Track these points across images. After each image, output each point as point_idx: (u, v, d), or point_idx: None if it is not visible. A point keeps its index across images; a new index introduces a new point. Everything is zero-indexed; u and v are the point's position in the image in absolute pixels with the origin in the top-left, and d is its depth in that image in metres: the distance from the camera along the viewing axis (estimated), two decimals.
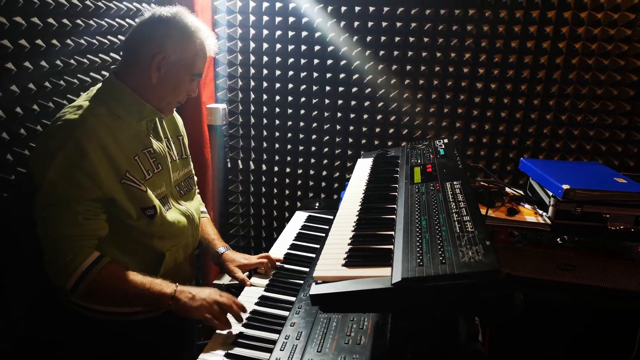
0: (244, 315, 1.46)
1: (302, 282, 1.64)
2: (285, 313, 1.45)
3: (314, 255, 1.83)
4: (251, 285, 1.67)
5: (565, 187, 1.82)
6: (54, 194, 1.34)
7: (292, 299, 1.53)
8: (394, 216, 1.32)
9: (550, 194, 1.92)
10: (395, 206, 1.39)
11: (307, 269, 1.74)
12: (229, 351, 1.32)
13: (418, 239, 1.09)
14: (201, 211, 1.86)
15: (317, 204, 2.34)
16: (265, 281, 1.69)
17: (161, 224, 1.52)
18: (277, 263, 1.80)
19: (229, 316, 1.44)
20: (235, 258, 1.76)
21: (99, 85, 1.51)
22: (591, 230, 1.87)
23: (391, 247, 1.13)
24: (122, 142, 1.43)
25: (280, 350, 1.24)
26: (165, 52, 1.45)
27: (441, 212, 1.20)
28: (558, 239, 1.90)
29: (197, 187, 1.91)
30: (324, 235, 1.92)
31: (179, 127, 1.74)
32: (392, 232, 1.21)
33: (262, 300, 1.57)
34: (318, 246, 1.87)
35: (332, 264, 1.11)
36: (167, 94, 1.52)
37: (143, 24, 1.49)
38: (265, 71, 2.68)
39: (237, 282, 1.71)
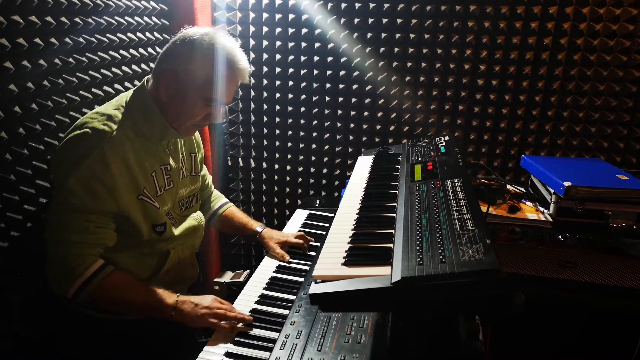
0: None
1: (302, 280, 1.64)
2: (286, 312, 1.45)
3: (314, 253, 1.83)
4: (289, 261, 1.79)
5: (566, 184, 1.81)
6: (70, 202, 1.33)
7: (292, 297, 1.53)
8: (394, 214, 1.31)
9: (552, 191, 1.91)
10: (395, 204, 1.38)
11: (307, 267, 1.74)
12: (229, 350, 1.32)
13: (418, 237, 1.08)
14: (224, 202, 1.98)
15: (318, 202, 2.34)
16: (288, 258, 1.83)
17: (169, 238, 1.53)
18: (280, 263, 1.80)
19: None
20: (273, 235, 1.89)
21: (130, 94, 1.50)
22: (593, 227, 1.87)
23: (391, 245, 1.12)
24: (142, 158, 1.43)
25: (280, 349, 1.24)
26: (175, 69, 1.42)
27: (441, 210, 1.19)
28: (559, 237, 1.90)
29: (212, 187, 1.99)
30: (324, 233, 1.91)
31: (194, 144, 1.73)
32: (392, 231, 1.20)
33: (262, 299, 1.57)
34: (318, 244, 1.87)
35: (332, 263, 1.10)
36: (179, 115, 1.48)
37: (171, 40, 1.47)
38: (265, 69, 2.67)
39: (238, 281, 1.72)
